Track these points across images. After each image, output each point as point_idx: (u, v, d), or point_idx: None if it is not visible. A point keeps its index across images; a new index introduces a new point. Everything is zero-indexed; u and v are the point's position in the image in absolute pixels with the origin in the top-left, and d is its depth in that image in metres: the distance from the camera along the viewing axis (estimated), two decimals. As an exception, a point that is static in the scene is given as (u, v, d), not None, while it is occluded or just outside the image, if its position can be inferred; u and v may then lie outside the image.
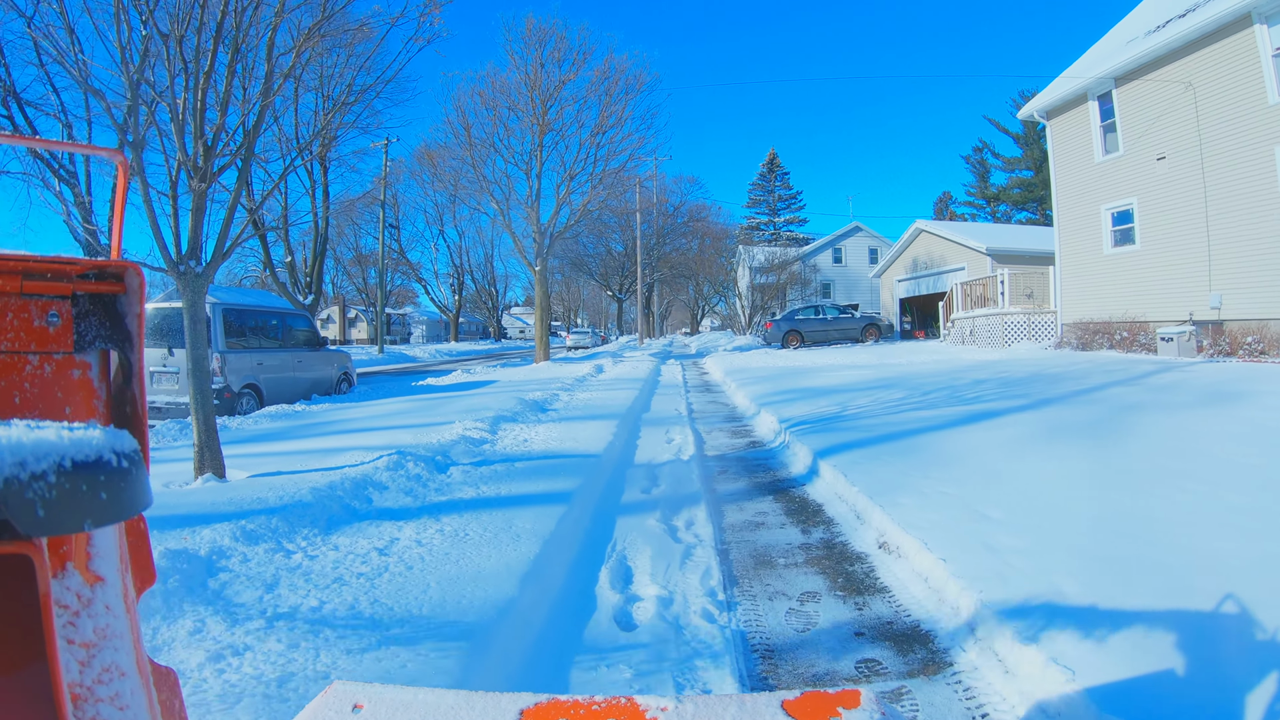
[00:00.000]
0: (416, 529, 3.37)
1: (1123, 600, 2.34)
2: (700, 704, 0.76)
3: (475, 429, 6.20)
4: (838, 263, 39.48)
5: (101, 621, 0.62)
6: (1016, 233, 28.71)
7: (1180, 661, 1.99)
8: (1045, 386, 9.04)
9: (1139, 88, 13.77)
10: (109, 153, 0.97)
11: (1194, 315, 12.58)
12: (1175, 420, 5.85)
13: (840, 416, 6.90)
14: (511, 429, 6.56)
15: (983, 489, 3.81)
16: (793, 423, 6.59)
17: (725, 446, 6.43)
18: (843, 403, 7.94)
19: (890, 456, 4.85)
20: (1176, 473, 3.92)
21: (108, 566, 0.65)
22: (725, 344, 29.15)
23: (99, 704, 0.60)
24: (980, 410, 6.92)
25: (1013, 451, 4.85)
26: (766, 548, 3.48)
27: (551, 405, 8.48)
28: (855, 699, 0.76)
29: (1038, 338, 17.29)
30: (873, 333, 24.83)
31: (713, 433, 7.23)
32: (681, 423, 7.63)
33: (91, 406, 0.76)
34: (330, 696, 0.81)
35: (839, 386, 9.90)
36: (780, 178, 58.82)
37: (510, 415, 7.22)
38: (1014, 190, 50.47)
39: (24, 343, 0.71)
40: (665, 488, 4.59)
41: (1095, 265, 15.22)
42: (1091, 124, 15.20)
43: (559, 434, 6.24)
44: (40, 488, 0.44)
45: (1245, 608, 2.23)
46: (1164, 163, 13.37)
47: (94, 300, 0.76)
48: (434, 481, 4.41)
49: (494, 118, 17.19)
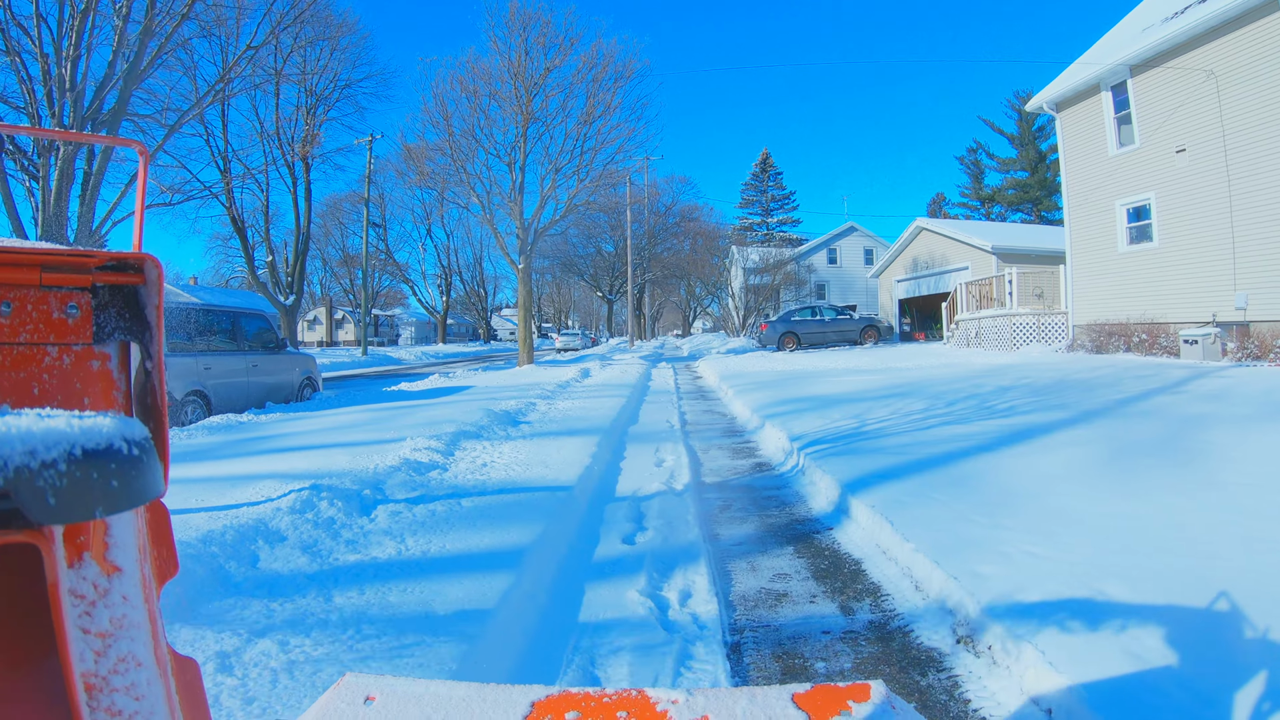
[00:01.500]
0: (292, 618, 2.32)
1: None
2: (711, 696, 0.76)
3: (427, 449, 5.15)
4: (832, 263, 38.64)
5: (118, 612, 0.62)
6: (1022, 231, 27.96)
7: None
8: (1080, 395, 8.11)
9: (1156, 77, 12.97)
10: (128, 143, 0.95)
11: (1217, 316, 11.76)
12: (1255, 438, 4.89)
13: (859, 433, 5.89)
14: (473, 448, 5.51)
15: (1084, 546, 2.80)
16: (806, 441, 5.57)
17: (726, 470, 5.40)
18: (858, 415, 6.93)
19: (936, 490, 3.84)
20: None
21: (126, 557, 0.64)
22: (719, 346, 28.17)
23: (114, 694, 0.59)
24: (1020, 425, 5.94)
25: (1087, 484, 3.86)
26: (796, 640, 2.44)
27: (526, 417, 7.43)
28: (865, 692, 0.75)
29: (1048, 340, 16.44)
30: (871, 335, 23.96)
31: (710, 451, 6.20)
32: (674, 438, 6.59)
33: (111, 398, 0.75)
34: (343, 689, 0.81)
35: (848, 395, 8.91)
36: (773, 178, 58.04)
37: (474, 430, 6.17)
38: (1009, 191, 49.98)
39: (43, 334, 0.70)
40: (653, 534, 3.55)
41: (1109, 264, 14.40)
42: (1105, 116, 14.38)
43: (527, 455, 5.20)
44: (51, 476, 0.44)
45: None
46: (1184, 155, 12.59)
47: (113, 292, 0.75)
48: (349, 529, 3.36)
49: (474, 106, 16.12)
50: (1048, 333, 16.48)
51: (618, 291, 51.53)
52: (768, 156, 58.07)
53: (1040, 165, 48.59)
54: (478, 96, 16.02)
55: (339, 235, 50.76)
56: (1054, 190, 48.25)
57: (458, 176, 16.42)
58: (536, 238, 17.36)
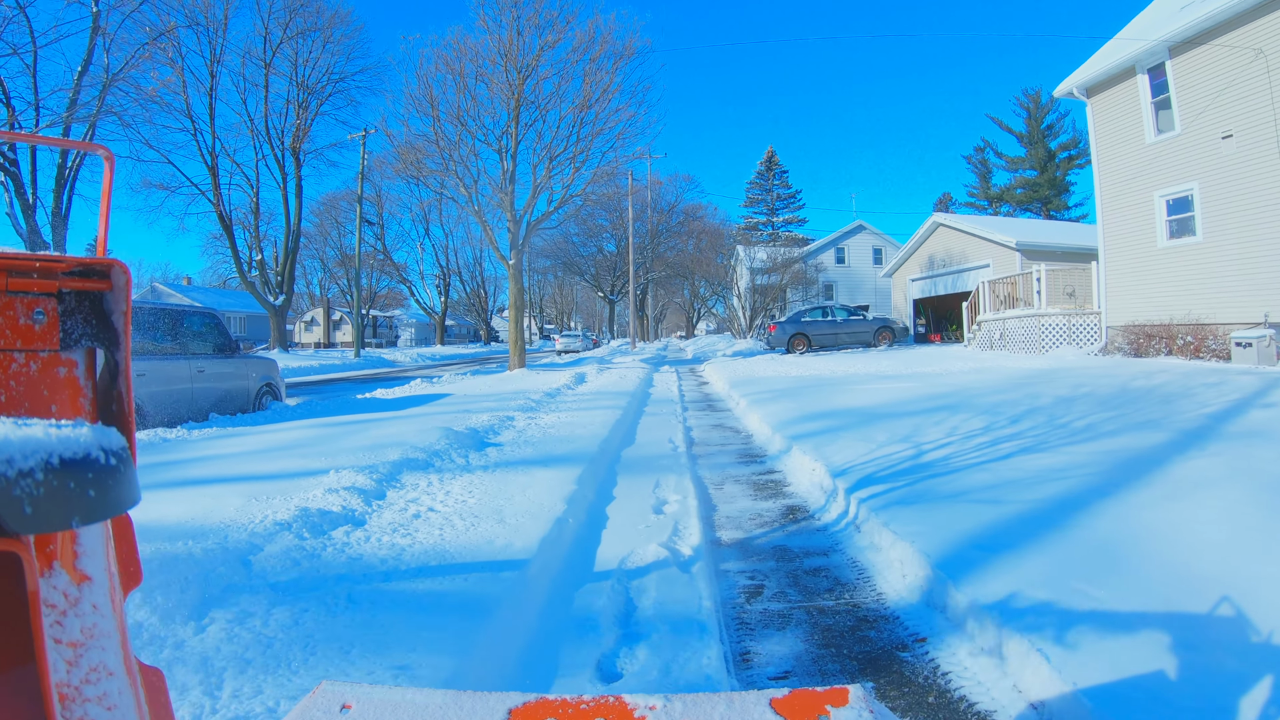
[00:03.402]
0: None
1: None
2: (689, 702, 0.74)
3: (346, 490, 3.81)
4: (840, 263, 37.28)
5: (89, 621, 0.60)
6: (1048, 227, 26.57)
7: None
8: (1158, 408, 6.78)
9: (1198, 58, 11.72)
10: (93, 148, 0.90)
11: (1269, 317, 10.53)
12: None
13: (920, 465, 4.54)
14: (413, 485, 4.17)
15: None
16: (854, 478, 4.22)
17: (750, 519, 4.04)
18: (906, 437, 5.58)
19: (1084, 577, 2.49)
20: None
21: (95, 565, 0.63)
22: (724, 348, 26.82)
23: (86, 704, 0.58)
24: (1118, 452, 4.58)
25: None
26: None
27: (497, 436, 6.08)
28: (844, 697, 0.73)
29: (1079, 342, 15.11)
30: (886, 336, 22.64)
31: (725, 487, 4.84)
32: (678, 467, 5.24)
33: (78, 404, 0.74)
34: (318, 697, 0.78)
35: (883, 407, 7.56)
36: (779, 176, 56.67)
37: (423, 459, 4.82)
38: (1017, 190, 48.66)
39: (9, 340, 0.69)
40: (647, 660, 2.18)
41: (1147, 260, 13.15)
42: (1141, 100, 13.11)
43: (481, 498, 3.87)
44: (28, 485, 0.43)
45: None
46: (1230, 141, 11.44)
47: (80, 298, 0.74)
48: (150, 650, 2.06)
49: (460, 88, 14.79)
50: (1078, 334, 15.18)
51: (620, 292, 50.17)
52: (773, 154, 56.68)
53: (1049, 164, 47.24)
54: (464, 78, 14.70)
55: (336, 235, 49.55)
56: (1063, 189, 46.90)
57: (443, 164, 15.11)
58: (529, 232, 16.02)
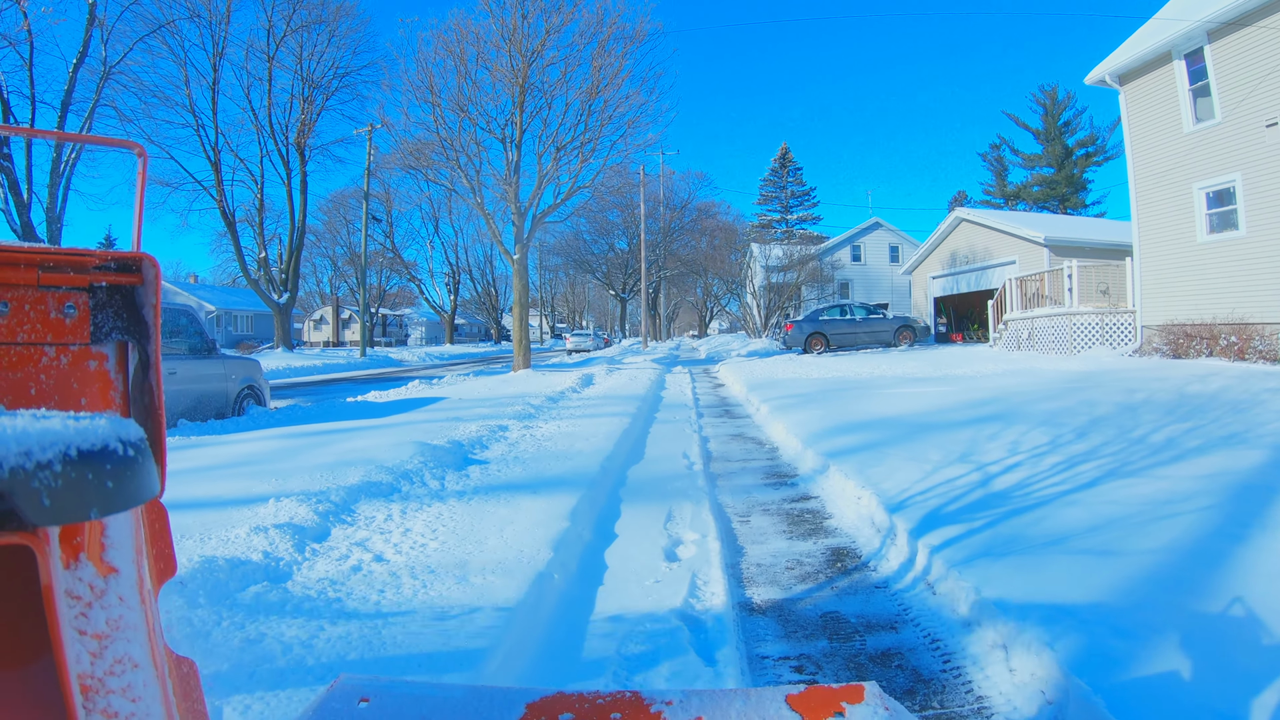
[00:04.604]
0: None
1: None
2: (706, 697, 0.73)
3: (278, 532, 3.02)
4: (856, 260, 36.29)
5: (114, 613, 0.60)
6: (1077, 222, 25.44)
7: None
8: (1234, 417, 5.98)
9: (1239, 41, 10.84)
10: (127, 144, 0.91)
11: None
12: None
13: (993, 493, 3.69)
14: (368, 520, 3.38)
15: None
16: (918, 517, 3.37)
17: (788, 572, 3.20)
18: (964, 455, 4.72)
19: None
20: None
21: (122, 558, 0.63)
22: (739, 348, 25.94)
23: (110, 695, 0.58)
24: (1224, 475, 3.71)
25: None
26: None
27: (484, 451, 5.29)
28: (859, 694, 0.73)
29: (1113, 342, 14.14)
30: (907, 336, 21.68)
31: (753, 519, 4.00)
32: (694, 491, 4.41)
33: (108, 398, 0.74)
34: (337, 690, 0.78)
35: (923, 416, 6.70)
36: (793, 173, 55.59)
37: (388, 483, 4.03)
38: (1034, 188, 47.38)
39: (40, 334, 0.69)
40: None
41: (1186, 256, 12.25)
42: (1178, 88, 12.19)
43: (444, 542, 3.07)
44: (46, 477, 0.43)
45: None
46: (1276, 130, 10.62)
47: (111, 292, 0.75)
48: None
49: (461, 73, 14.04)
50: (1112, 334, 14.23)
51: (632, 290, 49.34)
52: (786, 151, 55.62)
53: (1067, 161, 45.98)
54: (464, 62, 13.94)
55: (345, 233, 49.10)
56: (1081, 187, 45.62)
57: (444, 154, 14.36)
58: (535, 225, 15.25)
